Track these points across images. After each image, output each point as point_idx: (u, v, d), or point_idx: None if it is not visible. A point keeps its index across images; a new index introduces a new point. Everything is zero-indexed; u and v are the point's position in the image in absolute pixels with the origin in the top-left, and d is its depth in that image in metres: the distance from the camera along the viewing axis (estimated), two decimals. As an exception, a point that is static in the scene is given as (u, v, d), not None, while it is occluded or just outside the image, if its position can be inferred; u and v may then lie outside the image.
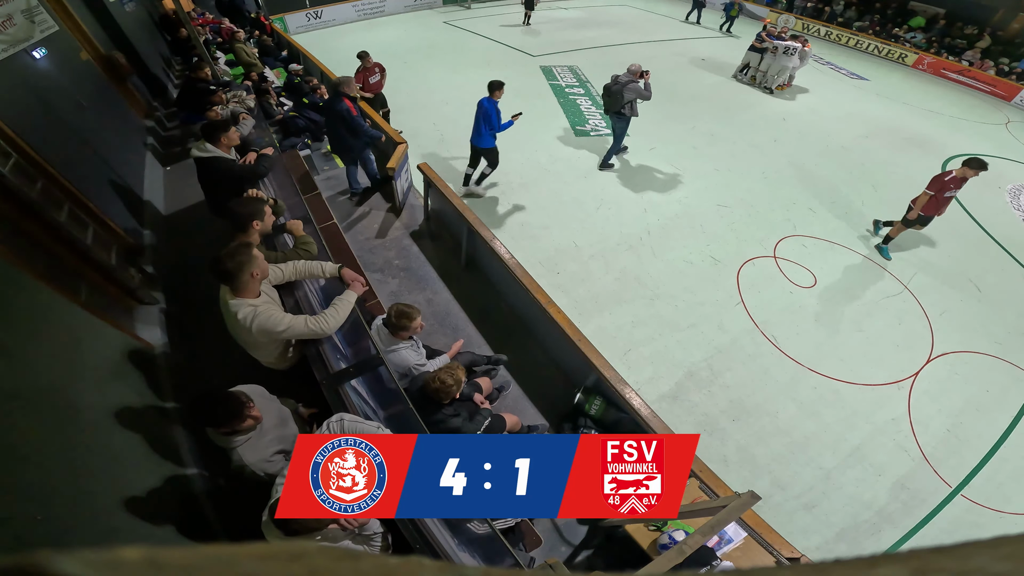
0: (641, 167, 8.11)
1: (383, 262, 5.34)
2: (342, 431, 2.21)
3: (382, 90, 8.15)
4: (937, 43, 15.46)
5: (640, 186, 7.58)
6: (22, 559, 0.19)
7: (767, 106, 10.96)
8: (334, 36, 15.02)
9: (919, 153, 9.60)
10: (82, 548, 0.21)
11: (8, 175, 3.42)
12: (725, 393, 4.73)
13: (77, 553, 0.21)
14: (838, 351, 5.25)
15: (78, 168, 4.58)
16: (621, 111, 7.26)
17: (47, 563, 0.20)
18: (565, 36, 14.84)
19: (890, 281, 6.26)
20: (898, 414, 4.75)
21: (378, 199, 6.27)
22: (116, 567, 0.21)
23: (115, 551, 0.22)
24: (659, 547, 2.79)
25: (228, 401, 2.17)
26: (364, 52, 7.68)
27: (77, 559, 0.20)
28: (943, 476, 4.32)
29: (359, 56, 7.63)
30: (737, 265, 6.20)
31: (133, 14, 8.52)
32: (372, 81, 7.83)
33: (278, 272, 2.85)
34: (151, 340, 3.98)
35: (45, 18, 5.05)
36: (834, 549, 3.81)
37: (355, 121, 5.32)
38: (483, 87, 6.11)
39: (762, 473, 4.17)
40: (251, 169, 4.01)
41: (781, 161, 8.71)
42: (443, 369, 2.86)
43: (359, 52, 7.64)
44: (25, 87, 4.36)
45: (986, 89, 13.85)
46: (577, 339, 3.76)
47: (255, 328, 2.45)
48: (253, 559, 0.23)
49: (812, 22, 17.57)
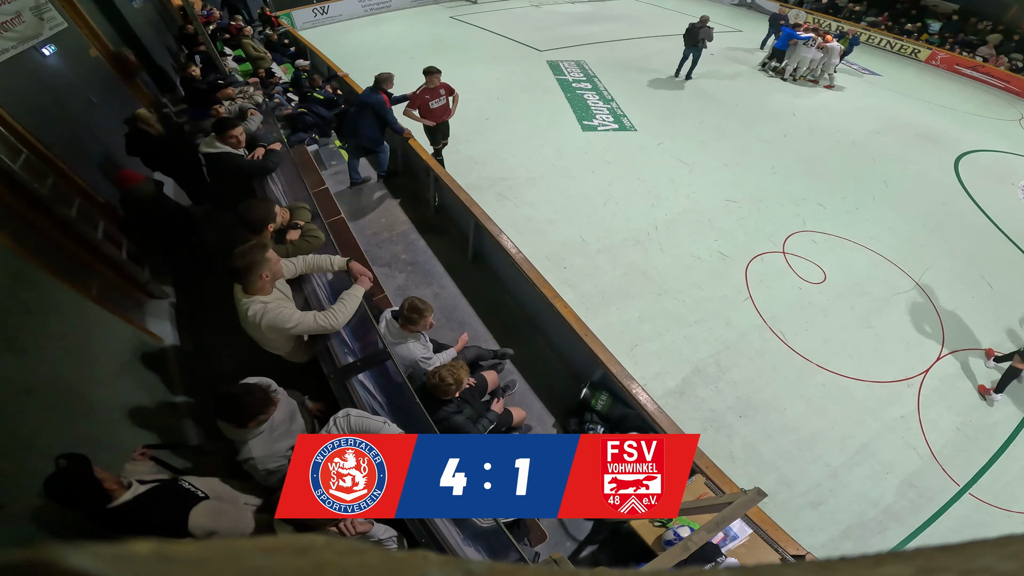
0: (649, 162, 8.06)
1: (390, 256, 5.35)
2: (349, 427, 2.23)
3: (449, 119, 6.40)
4: (951, 39, 15.23)
5: (648, 181, 7.54)
6: (33, 553, 0.20)
7: (777, 101, 10.86)
8: (341, 31, 15.02)
9: (931, 149, 9.49)
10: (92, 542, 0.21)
11: (19, 171, 3.46)
12: (732, 389, 4.71)
13: (87, 547, 0.21)
14: (847, 347, 5.21)
15: (88, 164, 4.62)
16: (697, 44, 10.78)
17: (58, 557, 0.20)
18: (572, 31, 14.75)
19: (901, 277, 6.20)
20: (907, 412, 4.72)
21: (386, 194, 6.28)
22: (126, 560, 0.21)
23: (125, 545, 0.22)
24: (664, 543, 2.79)
25: (253, 393, 2.19)
26: (433, 68, 5.85)
27: (87, 553, 0.20)
28: (951, 474, 4.29)
29: (425, 72, 5.87)
30: (745, 260, 6.16)
31: (141, 10, 8.56)
32: (434, 106, 6.05)
33: (290, 266, 2.88)
34: (161, 334, 4.02)
35: (54, 15, 5.08)
36: (840, 547, 3.79)
37: (387, 112, 5.55)
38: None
39: (768, 470, 4.16)
40: (259, 164, 4.03)
41: (791, 156, 8.63)
42: (447, 366, 2.87)
43: (426, 67, 5.85)
44: (35, 84, 4.40)
45: (1000, 85, 13.63)
46: (583, 334, 3.76)
47: (264, 324, 2.47)
48: (260, 552, 0.23)
49: (823, 17, 17.34)
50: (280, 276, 2.66)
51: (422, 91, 5.96)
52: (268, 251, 2.49)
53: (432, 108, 6.04)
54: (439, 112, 6.14)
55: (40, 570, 0.20)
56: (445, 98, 6.14)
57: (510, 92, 10.14)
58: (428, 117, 6.11)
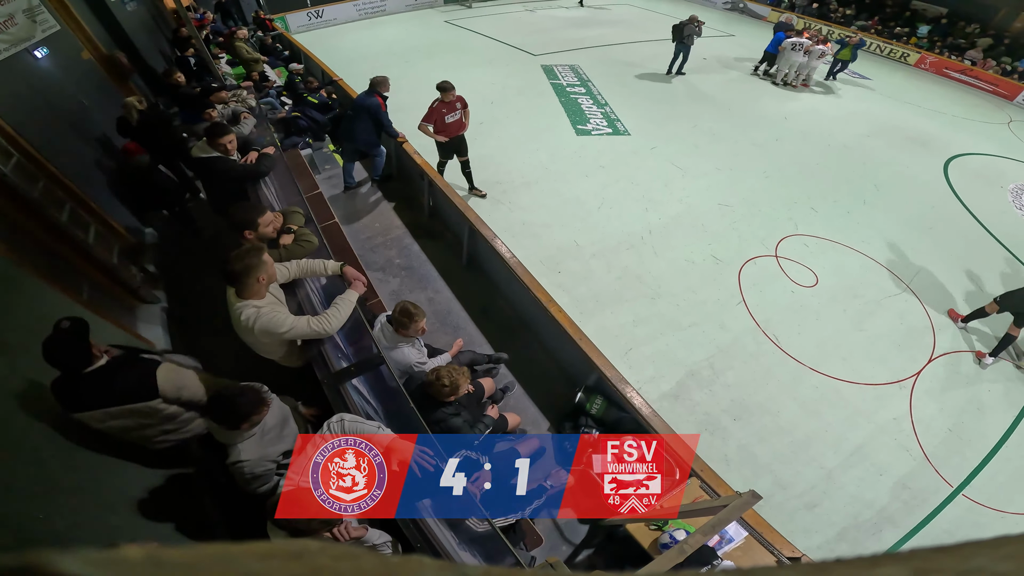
0: (643, 166, 8.09)
1: (384, 261, 5.35)
2: (343, 431, 2.21)
3: (464, 132, 6.18)
4: (940, 43, 15.42)
5: (641, 185, 7.57)
6: (24, 558, 0.19)
7: (769, 105, 10.94)
8: (335, 35, 15.03)
9: (921, 152, 9.59)
10: (84, 547, 0.21)
11: (10, 174, 3.43)
12: (727, 392, 4.73)
13: (79, 552, 0.21)
14: (840, 350, 5.24)
15: (80, 167, 4.59)
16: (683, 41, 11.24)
17: (49, 562, 0.20)
18: (566, 35, 14.82)
19: (892, 281, 6.25)
20: (900, 413, 4.75)
21: (381, 198, 6.28)
22: (118, 566, 0.21)
23: (117, 550, 0.22)
24: (660, 546, 2.79)
25: (246, 393, 2.18)
26: (447, 83, 5.70)
27: (79, 558, 0.20)
28: (944, 476, 4.32)
29: (439, 87, 5.71)
30: (739, 264, 6.20)
31: (135, 13, 8.52)
32: (450, 120, 5.87)
33: (284, 271, 2.86)
34: (153, 339, 3.99)
35: (47, 17, 5.05)
36: (835, 549, 3.80)
37: (383, 116, 5.64)
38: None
39: (763, 472, 4.17)
40: (252, 168, 4.02)
41: (783, 160, 8.69)
42: (447, 368, 2.86)
43: (440, 83, 5.69)
44: (27, 86, 4.37)
45: (989, 88, 13.82)
46: (578, 338, 3.76)
47: (257, 329, 2.46)
48: (254, 558, 0.23)
49: (814, 21, 17.52)
50: (274, 280, 2.65)
51: (438, 105, 5.78)
52: (264, 254, 2.48)
53: (448, 123, 5.87)
54: (454, 127, 5.98)
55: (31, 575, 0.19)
56: (460, 112, 5.96)
57: (505, 96, 10.16)
58: (443, 132, 5.92)
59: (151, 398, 2.45)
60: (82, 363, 2.27)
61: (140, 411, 2.44)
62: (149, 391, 2.44)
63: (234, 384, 2.26)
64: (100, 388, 2.31)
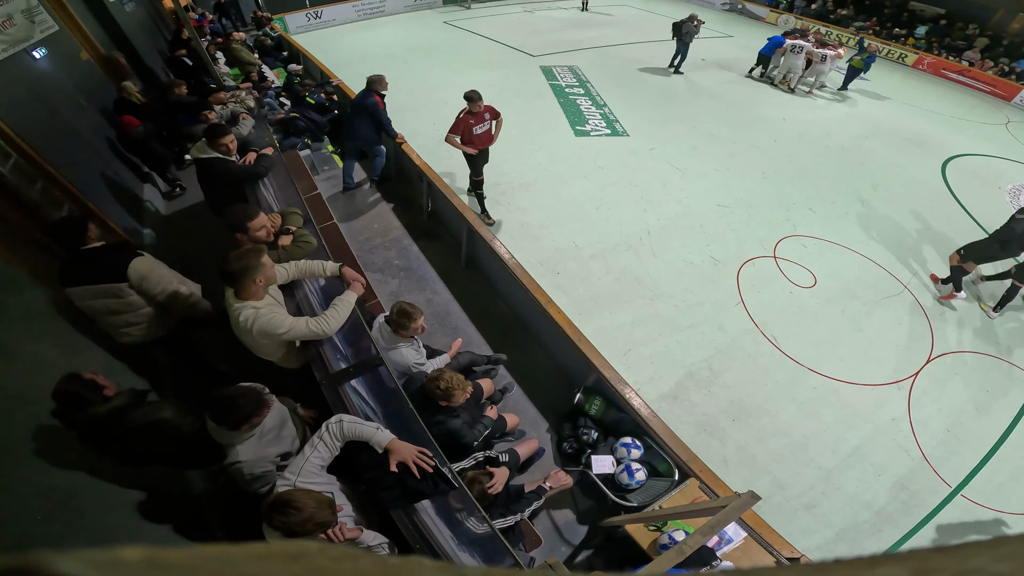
0: (641, 167, 8.10)
1: (383, 262, 5.34)
2: (341, 432, 2.21)
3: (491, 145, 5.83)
4: (937, 43, 15.46)
5: (640, 186, 7.57)
6: (22, 559, 0.19)
7: (767, 106, 10.96)
8: (334, 36, 15.02)
9: (919, 153, 9.61)
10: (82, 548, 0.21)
11: (8, 175, 3.43)
12: (725, 393, 4.73)
13: (77, 553, 0.21)
14: (838, 351, 5.25)
15: (78, 168, 4.58)
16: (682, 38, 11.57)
17: (47, 563, 0.20)
18: (565, 36, 14.84)
19: (890, 281, 6.26)
20: (898, 414, 4.75)
21: (379, 199, 6.28)
22: (116, 567, 0.21)
23: (115, 551, 0.22)
24: (659, 547, 2.79)
25: (248, 395, 2.18)
26: (475, 92, 5.30)
27: (77, 559, 0.20)
28: (943, 476, 4.32)
29: (466, 97, 5.33)
30: (737, 265, 6.20)
31: (133, 14, 8.52)
32: (479, 131, 5.52)
33: (282, 272, 2.86)
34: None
35: (45, 18, 5.05)
36: (834, 549, 3.80)
37: (381, 115, 5.69)
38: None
39: (762, 473, 4.17)
40: (250, 169, 4.02)
41: (781, 161, 8.71)
42: (448, 373, 2.86)
43: (467, 92, 5.34)
44: (25, 87, 4.37)
45: (986, 89, 13.86)
46: (577, 339, 3.77)
47: (256, 330, 2.45)
48: (253, 559, 0.23)
49: (812, 22, 17.56)
50: (273, 281, 2.64)
51: (465, 115, 5.41)
52: (263, 255, 2.47)
53: (477, 134, 5.51)
54: (483, 138, 5.62)
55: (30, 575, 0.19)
56: (490, 123, 5.62)
57: (503, 97, 10.15)
58: (471, 144, 5.54)
59: (119, 280, 2.82)
60: (77, 240, 2.77)
61: (110, 291, 2.82)
62: (118, 274, 2.82)
63: (236, 386, 2.25)
64: (85, 267, 2.77)
